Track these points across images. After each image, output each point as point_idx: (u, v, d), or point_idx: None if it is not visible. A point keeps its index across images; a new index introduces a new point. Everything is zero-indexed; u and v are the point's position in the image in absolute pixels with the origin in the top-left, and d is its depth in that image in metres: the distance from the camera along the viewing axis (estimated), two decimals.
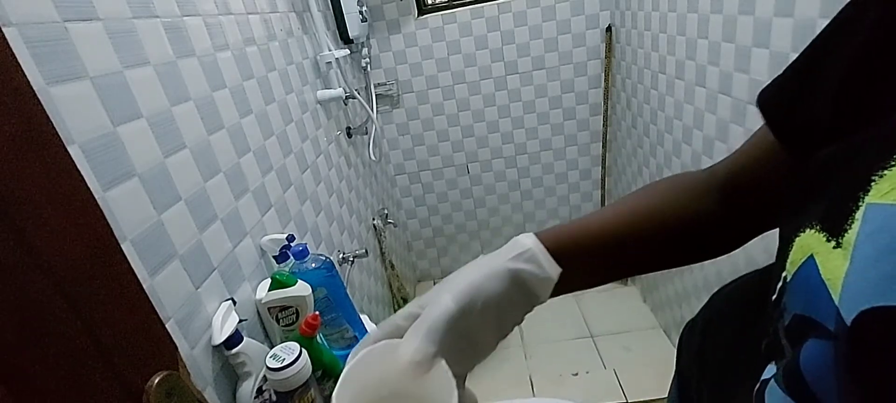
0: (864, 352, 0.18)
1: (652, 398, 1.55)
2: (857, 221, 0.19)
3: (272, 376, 0.67)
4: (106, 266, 0.45)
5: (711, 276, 1.41)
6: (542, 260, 0.35)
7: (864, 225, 0.19)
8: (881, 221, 0.18)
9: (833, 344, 0.20)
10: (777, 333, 0.25)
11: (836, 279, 0.19)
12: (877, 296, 0.17)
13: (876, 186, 0.19)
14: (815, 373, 0.21)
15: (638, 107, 1.81)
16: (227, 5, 0.94)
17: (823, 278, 0.20)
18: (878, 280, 0.18)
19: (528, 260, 0.35)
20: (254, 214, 0.92)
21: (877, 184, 0.19)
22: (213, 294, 0.75)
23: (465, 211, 2.44)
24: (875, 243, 0.18)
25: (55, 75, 0.52)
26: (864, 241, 0.19)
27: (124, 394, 0.44)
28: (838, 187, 0.21)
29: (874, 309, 0.17)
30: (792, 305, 0.23)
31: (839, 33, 0.26)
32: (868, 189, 0.19)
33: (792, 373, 0.23)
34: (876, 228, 0.18)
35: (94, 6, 0.60)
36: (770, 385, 0.25)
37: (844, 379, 0.19)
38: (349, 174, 1.61)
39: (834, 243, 0.20)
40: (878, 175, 0.19)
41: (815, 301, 0.21)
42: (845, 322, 0.18)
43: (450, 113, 2.19)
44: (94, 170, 0.56)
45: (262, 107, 1.03)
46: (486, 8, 1.97)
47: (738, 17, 1.11)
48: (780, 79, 0.30)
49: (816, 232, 0.21)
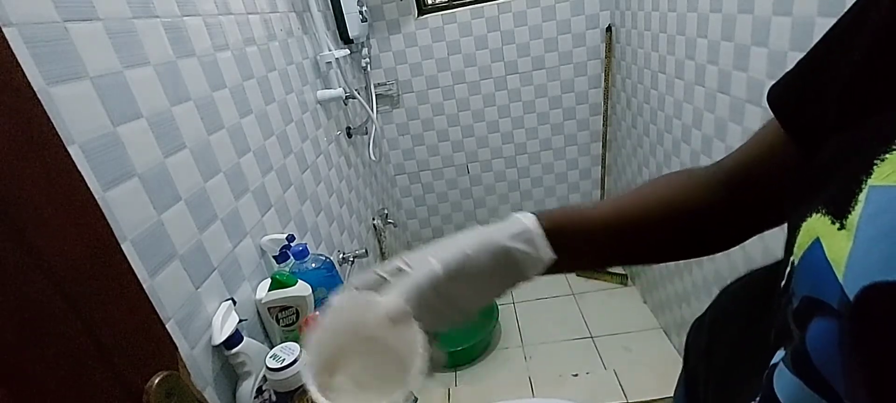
0: (867, 327, 0.19)
1: (652, 398, 1.55)
2: (860, 203, 0.20)
3: (272, 376, 0.67)
4: (106, 266, 0.45)
5: (711, 276, 1.41)
6: (538, 243, 0.36)
7: (866, 206, 0.20)
8: (883, 202, 0.19)
9: (837, 322, 0.20)
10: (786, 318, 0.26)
11: (840, 259, 0.20)
12: (879, 273, 0.18)
13: (877, 170, 0.20)
14: (821, 352, 0.22)
15: (638, 107, 1.81)
16: (227, 5, 0.94)
17: (828, 258, 0.21)
18: (880, 257, 0.18)
19: (524, 241, 0.36)
20: (254, 214, 0.92)
21: (878, 167, 0.20)
22: (213, 294, 0.75)
23: (465, 211, 2.44)
24: (877, 223, 0.19)
25: (55, 75, 0.52)
26: (867, 222, 0.19)
27: (124, 394, 0.44)
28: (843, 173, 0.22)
29: (876, 284, 0.18)
30: (800, 288, 0.24)
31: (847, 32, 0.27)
32: (870, 172, 0.20)
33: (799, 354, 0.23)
34: (878, 209, 0.19)
35: (94, 6, 0.60)
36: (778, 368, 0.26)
37: (849, 356, 0.20)
38: (349, 174, 1.61)
39: (838, 225, 0.21)
40: (880, 159, 0.20)
41: (820, 281, 0.21)
42: (849, 299, 0.19)
43: (450, 113, 2.19)
44: (94, 170, 0.56)
45: (262, 107, 1.03)
46: (486, 8, 1.97)
47: (737, 16, 1.11)
48: (790, 76, 0.31)
49: (822, 216, 0.22)
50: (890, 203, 0.19)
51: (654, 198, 0.40)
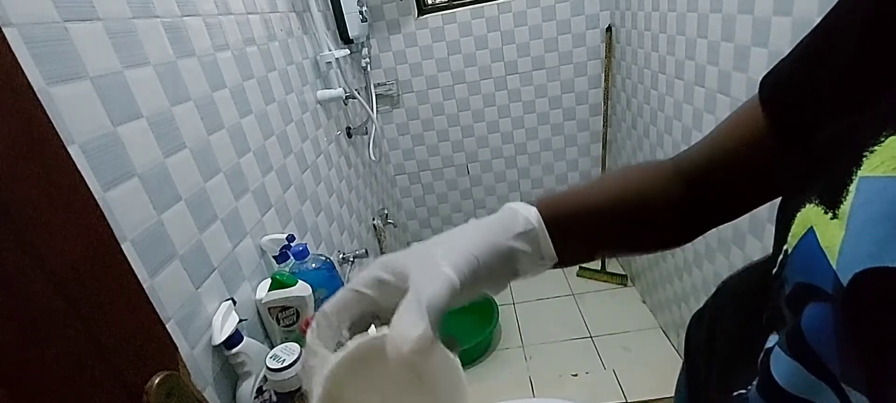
0: (860, 311, 0.20)
1: (652, 398, 1.55)
2: (852, 193, 0.21)
3: (272, 376, 0.67)
4: (106, 266, 0.45)
5: (710, 276, 1.41)
6: (543, 246, 0.34)
7: (857, 196, 0.21)
8: (872, 192, 0.20)
9: (832, 306, 0.21)
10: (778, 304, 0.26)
11: (833, 246, 0.21)
12: (870, 259, 0.19)
13: (867, 161, 0.21)
14: (817, 335, 0.23)
15: (638, 108, 1.81)
16: (227, 5, 0.94)
17: (822, 246, 0.22)
18: (871, 244, 0.19)
19: (530, 241, 0.34)
20: (254, 214, 0.92)
21: (868, 159, 0.21)
22: (213, 294, 0.75)
23: (465, 211, 2.44)
24: (867, 212, 0.20)
25: (55, 75, 0.52)
26: (858, 211, 0.21)
27: (124, 395, 0.44)
28: (835, 165, 0.23)
29: (868, 270, 0.19)
30: (793, 275, 0.25)
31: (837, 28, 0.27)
32: (860, 164, 0.21)
33: (795, 337, 0.24)
34: (867, 198, 0.20)
35: (94, 6, 0.60)
36: (774, 351, 0.26)
37: (844, 338, 0.21)
38: (349, 174, 1.61)
39: (831, 214, 0.22)
40: (870, 151, 0.21)
41: (814, 268, 0.22)
42: (842, 284, 0.20)
43: (450, 113, 2.19)
44: (94, 170, 0.56)
45: (262, 107, 1.03)
46: (486, 8, 1.97)
47: (737, 16, 1.11)
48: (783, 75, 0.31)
49: (816, 206, 0.23)
50: (879, 192, 0.20)
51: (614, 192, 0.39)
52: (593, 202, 0.39)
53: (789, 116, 0.30)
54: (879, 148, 0.21)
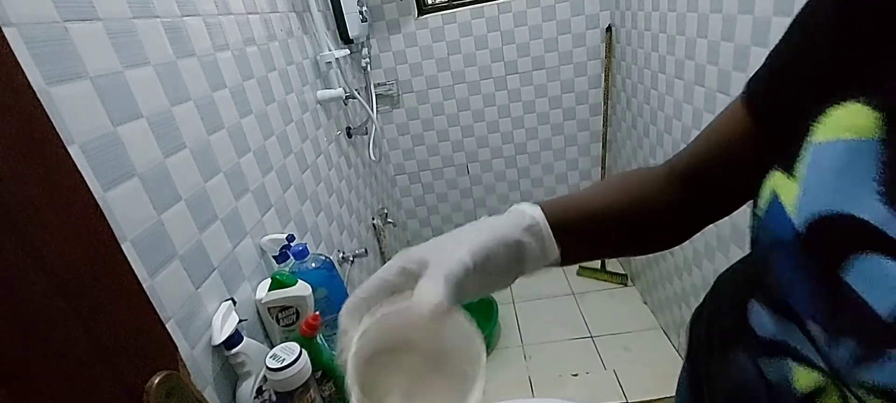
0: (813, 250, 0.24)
1: (652, 398, 1.55)
2: (804, 157, 0.26)
3: (272, 376, 0.67)
4: (106, 266, 0.45)
5: (711, 276, 1.41)
6: (546, 241, 0.36)
7: (809, 159, 0.25)
8: (821, 154, 0.25)
9: (791, 251, 0.25)
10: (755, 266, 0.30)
11: (791, 202, 0.26)
12: (820, 207, 0.24)
13: (816, 130, 0.26)
14: (783, 280, 0.27)
15: (638, 108, 1.81)
16: (227, 5, 0.94)
17: (783, 203, 0.26)
18: (819, 196, 0.24)
19: (535, 236, 0.36)
20: (254, 214, 0.92)
21: (817, 128, 0.26)
22: (213, 294, 0.75)
23: (465, 211, 2.44)
24: (817, 170, 0.25)
25: (55, 75, 0.52)
26: (809, 170, 0.25)
27: (124, 394, 0.44)
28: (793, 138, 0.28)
29: (820, 217, 0.24)
30: (764, 235, 0.28)
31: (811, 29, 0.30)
32: (810, 132, 0.26)
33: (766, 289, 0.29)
34: (816, 159, 0.25)
35: (94, 6, 0.60)
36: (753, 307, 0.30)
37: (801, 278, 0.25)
38: (349, 174, 1.61)
39: (788, 176, 0.26)
40: (818, 122, 0.26)
41: (778, 223, 0.26)
42: (799, 231, 0.25)
43: (450, 113, 2.19)
44: (94, 170, 0.56)
45: (262, 107, 1.03)
46: (486, 8, 1.97)
47: (738, 16, 1.11)
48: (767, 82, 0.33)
49: (779, 172, 0.27)
50: (825, 155, 0.25)
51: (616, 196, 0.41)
52: (595, 204, 0.40)
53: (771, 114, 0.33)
54: (825, 117, 0.25)
